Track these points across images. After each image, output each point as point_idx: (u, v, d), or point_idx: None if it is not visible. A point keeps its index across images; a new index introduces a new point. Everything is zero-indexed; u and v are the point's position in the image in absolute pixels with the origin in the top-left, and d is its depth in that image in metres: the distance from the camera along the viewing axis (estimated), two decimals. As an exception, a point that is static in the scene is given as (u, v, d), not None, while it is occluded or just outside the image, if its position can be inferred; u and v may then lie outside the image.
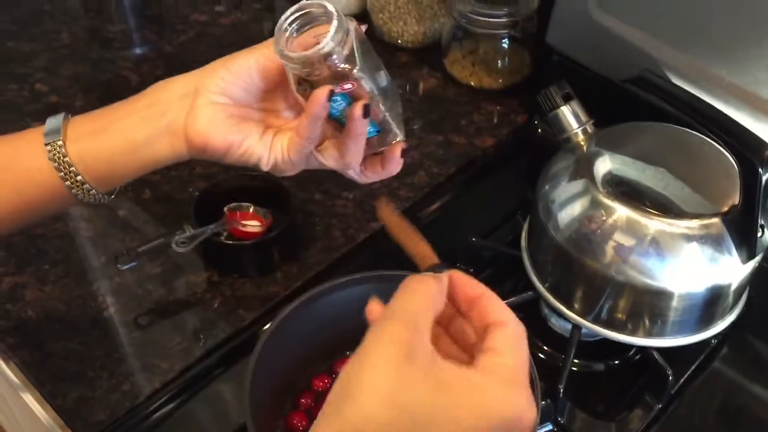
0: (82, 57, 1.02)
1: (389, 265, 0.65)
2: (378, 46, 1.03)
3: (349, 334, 0.66)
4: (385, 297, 0.64)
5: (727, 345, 0.74)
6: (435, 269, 0.44)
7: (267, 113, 0.54)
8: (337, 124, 0.52)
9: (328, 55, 0.47)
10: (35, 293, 0.74)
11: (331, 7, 0.48)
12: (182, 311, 0.74)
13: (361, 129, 0.51)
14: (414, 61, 1.02)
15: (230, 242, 0.75)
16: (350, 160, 0.52)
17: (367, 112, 0.49)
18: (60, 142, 0.51)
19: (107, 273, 0.76)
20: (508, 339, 0.39)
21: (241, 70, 0.51)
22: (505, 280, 0.79)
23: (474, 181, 0.88)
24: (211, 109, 0.50)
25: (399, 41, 1.03)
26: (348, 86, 0.49)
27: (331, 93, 0.48)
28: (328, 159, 0.53)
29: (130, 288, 0.75)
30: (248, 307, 0.74)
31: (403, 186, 0.86)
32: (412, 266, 0.65)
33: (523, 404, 0.37)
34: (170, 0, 1.13)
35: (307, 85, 0.49)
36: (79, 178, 0.52)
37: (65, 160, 0.51)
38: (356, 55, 0.48)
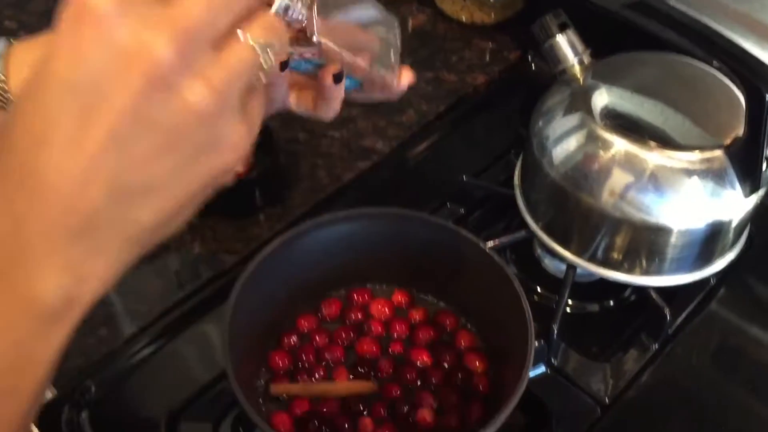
0: (53, -7, 0.97)
1: (376, 205, 0.63)
2: (364, -21, 0.99)
3: (335, 272, 0.63)
4: (371, 235, 0.62)
5: (726, 286, 0.71)
6: None
7: None
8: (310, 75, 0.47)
9: (284, 11, 0.37)
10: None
11: None
12: (161, 255, 0.71)
13: (336, 93, 0.47)
14: (402, -4, 0.98)
15: (210, 182, 0.72)
16: (325, 115, 0.48)
17: (338, 78, 0.45)
18: (2, 77, 0.46)
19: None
20: None
21: None
22: (497, 220, 0.76)
23: (465, 120, 0.85)
24: None
25: (386, -25, 0.98)
26: (308, 54, 0.43)
27: (284, 64, 0.40)
28: (302, 110, 0.49)
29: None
30: (230, 249, 0.71)
31: (391, 125, 0.82)
32: (402, 204, 0.62)
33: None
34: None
35: None
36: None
37: (7, 96, 0.46)
38: (314, 16, 0.40)
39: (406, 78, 0.52)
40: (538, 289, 0.72)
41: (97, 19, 0.29)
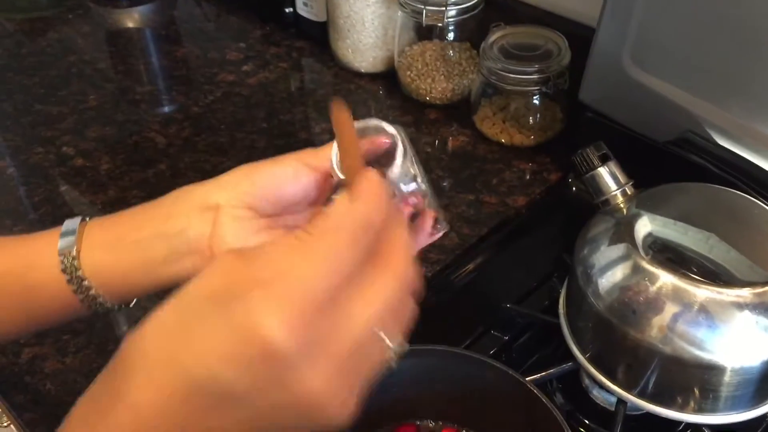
0: (108, 119, 1.02)
1: (418, 333, 0.63)
2: (406, 103, 1.03)
3: (384, 407, 0.63)
4: (417, 369, 0.61)
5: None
6: None
7: (296, 215, 0.50)
8: None
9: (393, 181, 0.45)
10: (55, 365, 0.71)
11: (391, 129, 0.45)
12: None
13: (427, 240, 0.50)
14: (443, 118, 1.00)
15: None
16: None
17: (435, 225, 0.49)
18: (74, 254, 0.48)
19: (129, 342, 0.74)
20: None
21: (266, 183, 0.47)
22: (542, 347, 0.75)
23: (507, 242, 0.85)
24: (236, 225, 0.47)
25: (427, 98, 1.01)
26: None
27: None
28: None
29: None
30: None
31: (433, 248, 0.83)
32: (445, 331, 0.61)
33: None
34: (198, 61, 1.13)
35: None
36: (92, 292, 0.48)
37: (78, 274, 0.48)
38: (419, 175, 0.47)
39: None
40: (587, 422, 0.69)
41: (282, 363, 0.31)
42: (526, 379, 0.58)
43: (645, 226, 0.66)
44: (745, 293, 0.59)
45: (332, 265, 0.32)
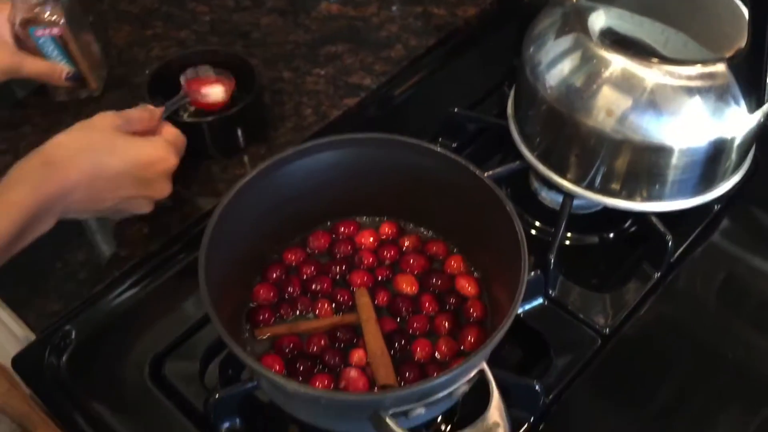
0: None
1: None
2: None
3: (322, 205, 0.61)
4: (357, 163, 0.59)
5: (729, 215, 0.69)
6: None
7: None
8: None
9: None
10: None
11: None
12: (142, 197, 0.68)
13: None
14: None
15: (191, 120, 0.69)
16: None
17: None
18: None
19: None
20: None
21: None
22: (492, 154, 0.73)
23: (455, 54, 0.82)
24: None
25: None
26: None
27: None
28: None
29: (84, 174, 0.69)
30: (213, 191, 0.68)
31: (378, 61, 0.79)
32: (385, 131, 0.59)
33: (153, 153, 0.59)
34: None
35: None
36: None
37: None
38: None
39: None
40: (536, 223, 0.69)
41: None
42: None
43: (598, 17, 0.63)
44: (695, 72, 0.58)
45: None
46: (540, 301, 0.61)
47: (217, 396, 0.53)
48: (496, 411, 0.45)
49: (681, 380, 0.58)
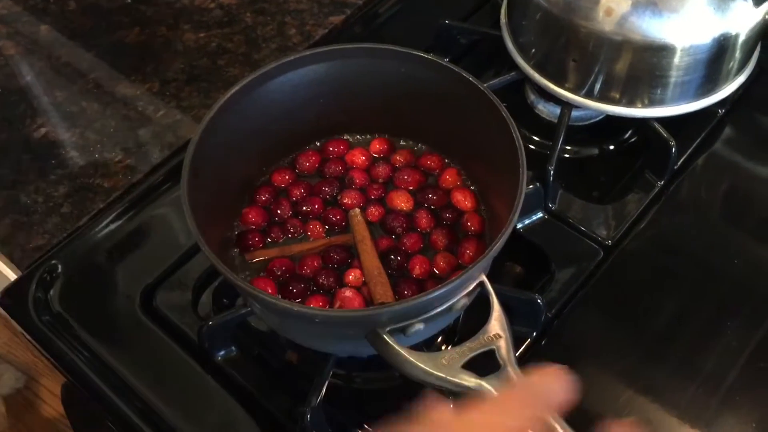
0: None
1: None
2: None
3: (310, 124, 0.58)
4: (344, 76, 0.56)
5: (733, 120, 0.66)
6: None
7: None
8: None
9: None
10: (-47, 118, 0.65)
11: None
12: (123, 126, 0.65)
13: None
14: None
15: (168, 44, 0.66)
16: None
17: None
18: None
19: (34, 92, 0.67)
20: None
21: None
22: (485, 67, 0.70)
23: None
24: None
25: None
26: None
27: None
28: None
29: (61, 105, 0.67)
30: (197, 116, 0.66)
31: (364, -26, 0.75)
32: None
33: None
34: None
35: None
36: None
37: None
38: None
39: None
40: (534, 138, 0.66)
41: None
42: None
43: None
44: (699, -36, 0.54)
45: None
46: (540, 215, 0.59)
47: (210, 323, 0.51)
48: (497, 323, 0.43)
49: (683, 292, 0.56)
